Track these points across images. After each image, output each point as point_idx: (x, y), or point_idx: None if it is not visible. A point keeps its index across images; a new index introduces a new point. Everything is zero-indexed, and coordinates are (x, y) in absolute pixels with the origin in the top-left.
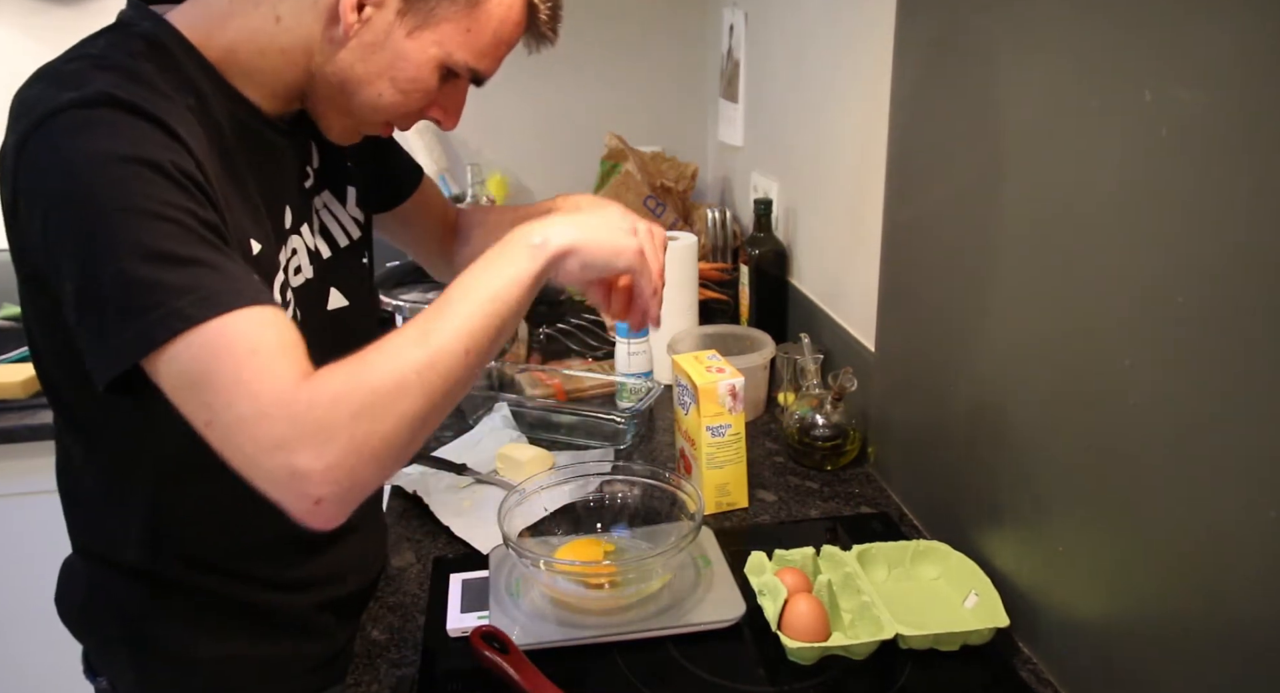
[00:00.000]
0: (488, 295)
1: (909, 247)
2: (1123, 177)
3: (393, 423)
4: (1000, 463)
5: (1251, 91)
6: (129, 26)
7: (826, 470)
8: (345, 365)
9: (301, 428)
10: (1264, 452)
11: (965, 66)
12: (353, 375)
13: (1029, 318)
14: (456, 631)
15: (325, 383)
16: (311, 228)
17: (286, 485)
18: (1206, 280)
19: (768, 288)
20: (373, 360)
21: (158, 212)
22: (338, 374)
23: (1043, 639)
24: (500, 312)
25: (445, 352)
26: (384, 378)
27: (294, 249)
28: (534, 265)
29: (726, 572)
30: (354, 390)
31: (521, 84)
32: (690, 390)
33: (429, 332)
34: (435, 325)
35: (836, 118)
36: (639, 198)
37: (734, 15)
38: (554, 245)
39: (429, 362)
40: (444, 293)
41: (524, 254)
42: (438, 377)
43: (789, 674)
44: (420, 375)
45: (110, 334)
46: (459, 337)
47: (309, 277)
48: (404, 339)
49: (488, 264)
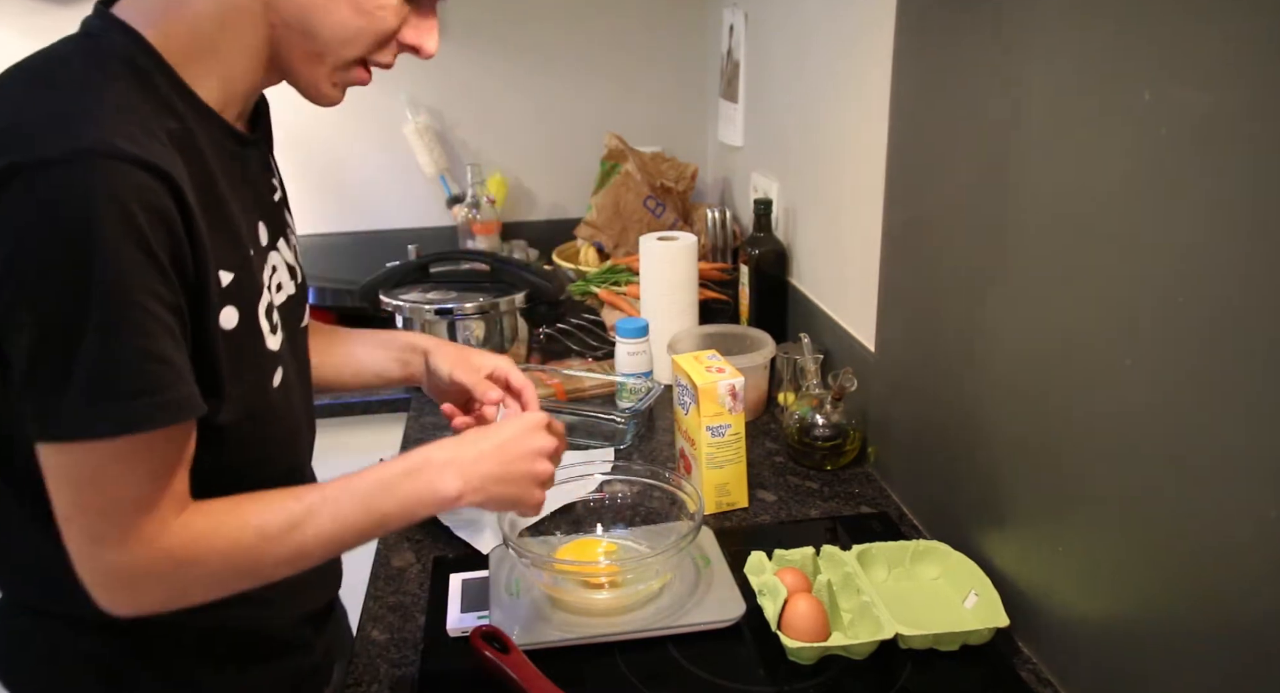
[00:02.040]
0: (376, 520)
1: (909, 247)
2: (1123, 176)
3: (221, 592)
4: (1000, 463)
5: (1251, 91)
6: (96, 38)
7: (826, 470)
8: (211, 529)
9: (141, 572)
10: (1264, 452)
11: (965, 67)
12: (212, 549)
13: (1029, 318)
14: (456, 631)
15: (186, 543)
16: (288, 243)
17: (98, 591)
18: (1207, 280)
19: (768, 288)
20: (236, 537)
21: (134, 300)
22: (201, 540)
23: (1043, 639)
24: (375, 535)
25: (305, 557)
26: (235, 562)
27: (274, 265)
28: (433, 511)
29: (726, 572)
30: (205, 562)
31: (522, 84)
32: (690, 390)
33: (303, 532)
34: (312, 528)
35: (836, 118)
36: (639, 198)
37: (734, 15)
38: (464, 504)
39: (287, 559)
40: (339, 489)
41: (432, 504)
42: (285, 570)
43: (789, 674)
44: (273, 570)
45: (56, 409)
46: (327, 546)
47: (291, 293)
48: (275, 527)
49: (393, 487)
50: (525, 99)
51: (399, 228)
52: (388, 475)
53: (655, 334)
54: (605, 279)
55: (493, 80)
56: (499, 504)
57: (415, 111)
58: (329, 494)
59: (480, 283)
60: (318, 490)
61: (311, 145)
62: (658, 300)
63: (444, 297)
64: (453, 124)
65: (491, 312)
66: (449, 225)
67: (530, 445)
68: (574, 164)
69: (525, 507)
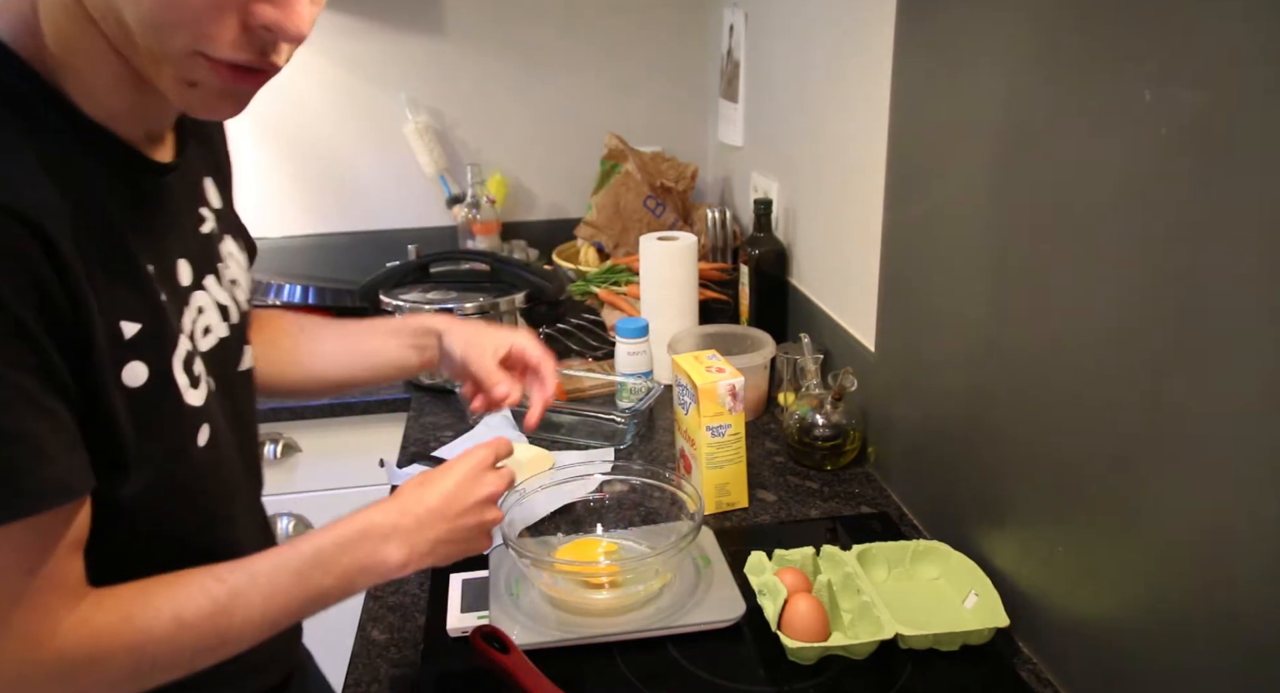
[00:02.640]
0: (313, 596)
1: (909, 247)
2: (1123, 176)
3: (136, 691)
4: (1000, 463)
5: (1251, 91)
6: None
7: (826, 470)
8: (117, 623)
9: (31, 679)
10: (1264, 451)
11: (965, 66)
12: (118, 644)
13: (1029, 318)
14: (456, 631)
15: (84, 641)
16: (219, 280)
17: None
18: (1207, 280)
19: (768, 288)
20: (147, 627)
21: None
22: (103, 636)
23: (1043, 639)
24: (312, 611)
25: (231, 644)
26: (148, 657)
27: (200, 307)
28: (377, 582)
29: (726, 572)
30: (110, 662)
31: (522, 84)
32: (690, 390)
33: (228, 617)
34: (240, 612)
35: (836, 118)
36: (639, 198)
37: (734, 15)
38: (409, 571)
39: (210, 648)
40: (270, 565)
41: (375, 575)
42: (209, 659)
43: (789, 674)
44: (193, 660)
45: None
46: (258, 630)
47: (223, 335)
48: (194, 613)
49: (331, 561)
50: (525, 99)
51: (399, 228)
52: (325, 548)
53: (655, 334)
54: (605, 279)
55: (493, 80)
56: (448, 561)
57: (415, 111)
58: (257, 572)
59: (480, 283)
60: (243, 568)
61: (312, 145)
62: (658, 300)
63: (444, 297)
64: (453, 124)
65: (491, 312)
66: (449, 225)
67: (474, 496)
68: (574, 164)
69: (474, 553)
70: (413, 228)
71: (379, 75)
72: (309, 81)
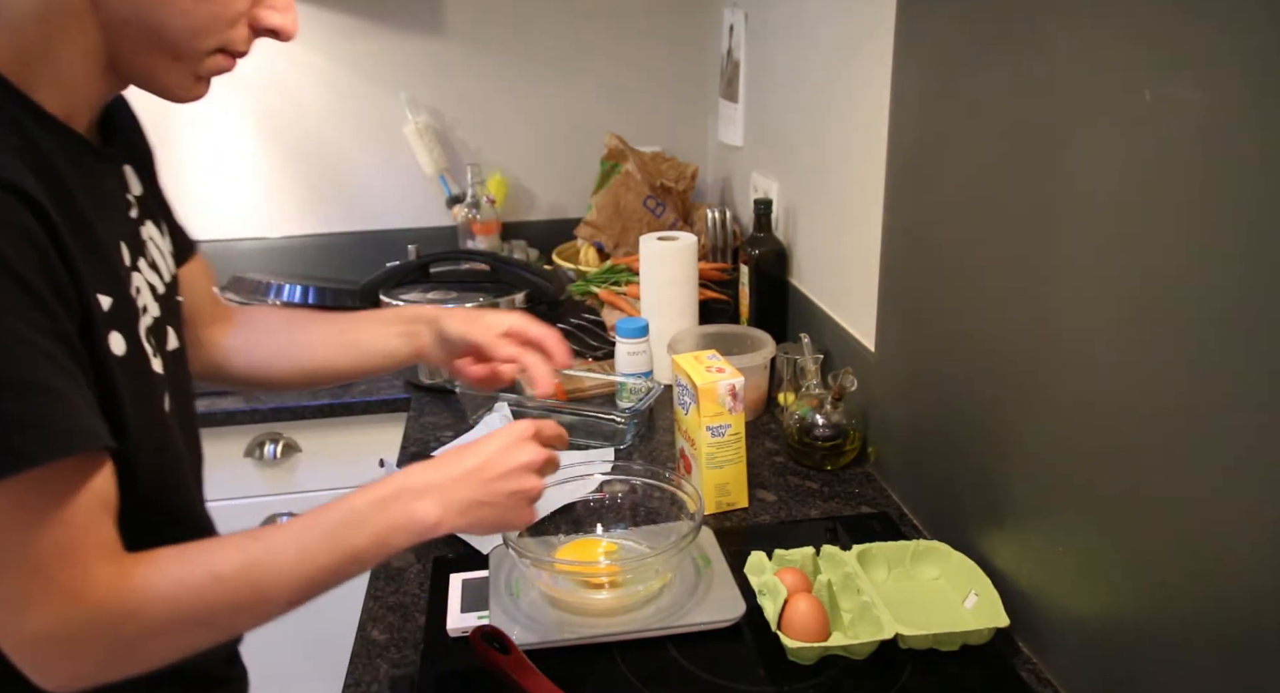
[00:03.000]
0: (348, 556)
1: (909, 247)
2: (1123, 176)
3: (176, 650)
4: (1000, 463)
5: (1252, 91)
6: None
7: (826, 470)
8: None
9: (73, 634)
10: (1265, 451)
11: (965, 66)
12: (156, 597)
13: (1029, 318)
14: (456, 631)
15: (123, 594)
16: (147, 261)
17: (29, 665)
18: (1208, 280)
19: (768, 288)
20: (184, 580)
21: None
22: (141, 590)
23: (1043, 639)
24: (348, 574)
25: (268, 602)
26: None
27: (138, 287)
28: (411, 542)
29: (726, 572)
30: (148, 614)
31: (522, 84)
32: (690, 390)
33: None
34: (275, 568)
35: (836, 118)
36: (639, 198)
37: (734, 15)
38: (444, 530)
39: (247, 605)
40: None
41: (408, 534)
42: (246, 619)
43: (789, 674)
44: (232, 619)
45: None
46: (294, 590)
47: (156, 315)
48: (230, 568)
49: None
50: (525, 99)
51: (399, 228)
52: (358, 507)
53: (655, 334)
54: (605, 279)
55: (493, 80)
56: (484, 528)
57: (415, 111)
58: (291, 531)
59: (480, 283)
60: (278, 529)
61: (312, 145)
62: (658, 300)
63: (444, 297)
64: (453, 124)
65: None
66: (449, 225)
67: (514, 461)
68: (574, 164)
69: (514, 527)
70: (413, 228)
71: (379, 75)
72: (309, 81)
